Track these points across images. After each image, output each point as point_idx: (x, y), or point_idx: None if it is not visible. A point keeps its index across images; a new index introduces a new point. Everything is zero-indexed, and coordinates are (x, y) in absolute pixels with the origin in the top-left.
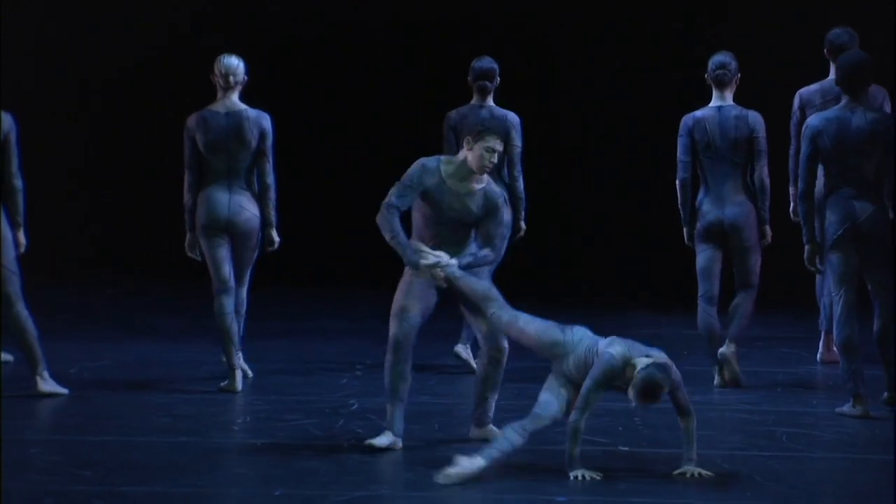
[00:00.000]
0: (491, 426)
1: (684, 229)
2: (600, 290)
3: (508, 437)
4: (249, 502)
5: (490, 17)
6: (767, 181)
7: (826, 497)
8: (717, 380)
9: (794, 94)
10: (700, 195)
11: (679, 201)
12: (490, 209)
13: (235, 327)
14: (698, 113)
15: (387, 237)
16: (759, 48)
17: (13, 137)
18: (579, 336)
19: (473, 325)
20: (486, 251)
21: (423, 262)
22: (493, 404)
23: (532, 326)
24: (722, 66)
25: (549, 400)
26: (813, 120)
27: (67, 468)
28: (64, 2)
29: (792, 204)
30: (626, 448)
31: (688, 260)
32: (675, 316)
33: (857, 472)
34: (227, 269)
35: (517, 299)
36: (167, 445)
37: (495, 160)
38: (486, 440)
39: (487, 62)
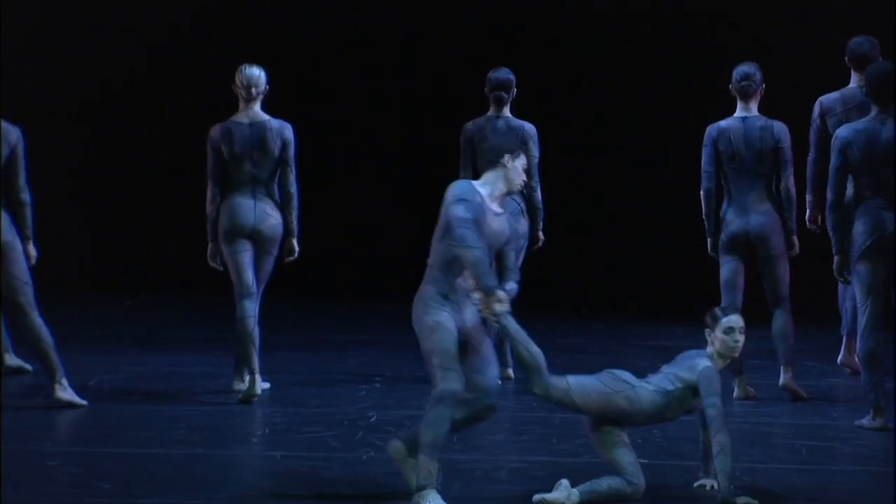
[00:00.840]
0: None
1: (708, 240)
2: (620, 301)
3: (612, 481)
4: None
5: (508, 29)
6: (793, 191)
7: None
8: (736, 392)
9: (815, 102)
10: (724, 206)
11: (703, 212)
12: (512, 231)
13: (258, 332)
14: (723, 123)
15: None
16: (779, 56)
17: (21, 151)
18: (634, 380)
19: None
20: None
21: (499, 293)
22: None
23: (590, 387)
24: (747, 76)
25: (632, 459)
26: (842, 131)
27: (86, 480)
28: (64, 5)
29: (809, 212)
30: (646, 460)
31: (708, 272)
32: (691, 327)
33: (877, 486)
34: (251, 275)
35: (537, 311)
36: (185, 458)
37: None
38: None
39: (504, 73)
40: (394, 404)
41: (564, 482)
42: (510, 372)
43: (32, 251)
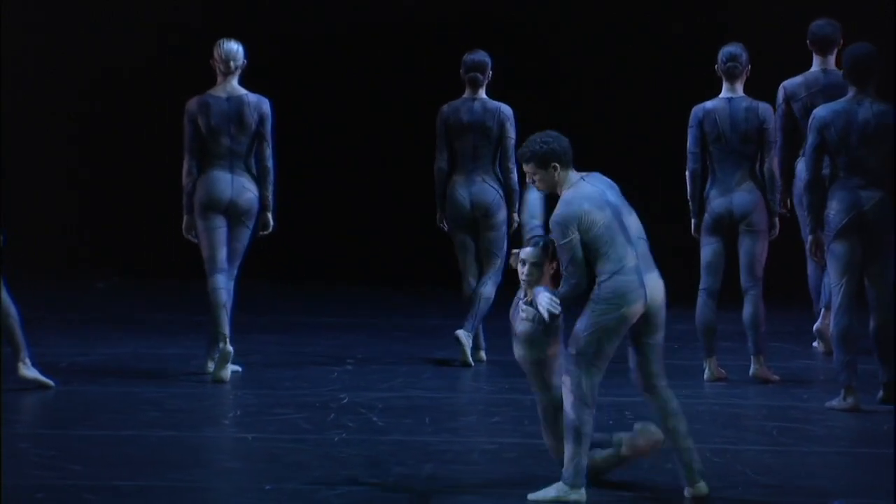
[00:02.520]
0: None
1: (692, 220)
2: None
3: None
4: (240, 496)
5: (488, 12)
6: (777, 172)
7: (816, 491)
8: (706, 373)
9: (779, 86)
10: (708, 186)
11: (689, 193)
12: None
13: (230, 303)
14: (708, 104)
15: None
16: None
17: None
18: None
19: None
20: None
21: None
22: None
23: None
24: (733, 57)
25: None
26: (820, 111)
27: (59, 462)
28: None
29: (778, 195)
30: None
31: (678, 254)
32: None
33: (848, 467)
34: (223, 253)
35: (510, 288)
36: (158, 440)
37: (536, 182)
38: None
39: (479, 55)
40: (365, 387)
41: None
42: (482, 354)
43: None
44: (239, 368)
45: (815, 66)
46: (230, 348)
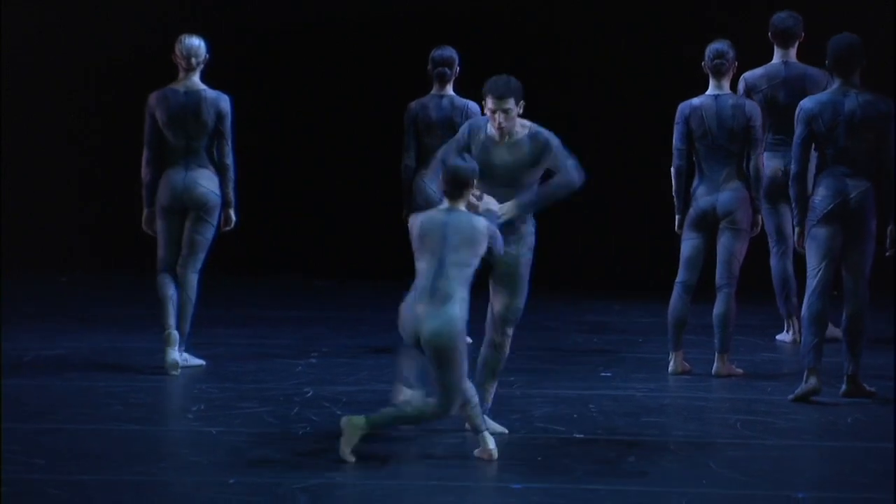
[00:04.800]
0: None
1: (676, 217)
2: (553, 276)
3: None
4: (204, 490)
5: (461, 8)
6: (763, 170)
7: (780, 484)
8: (671, 366)
9: (739, 78)
10: (695, 183)
11: (674, 189)
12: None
13: (176, 297)
14: (695, 101)
15: None
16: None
17: None
18: None
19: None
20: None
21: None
22: (492, 394)
23: None
24: (720, 54)
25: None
26: (807, 103)
27: (22, 457)
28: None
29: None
30: (581, 435)
31: (644, 248)
32: (628, 303)
33: (811, 460)
34: (174, 253)
35: (478, 287)
36: (122, 434)
37: (502, 119)
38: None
39: (447, 50)
40: (330, 380)
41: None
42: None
43: None
44: (203, 362)
45: (777, 59)
46: (175, 333)
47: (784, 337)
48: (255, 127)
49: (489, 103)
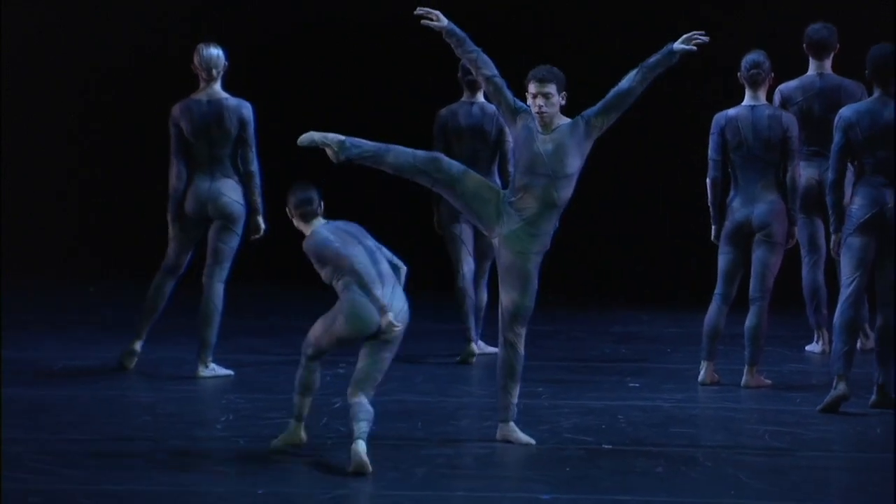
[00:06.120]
0: (511, 423)
1: (713, 227)
2: (582, 286)
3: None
4: (233, 500)
5: (494, 15)
6: (799, 182)
7: (809, 495)
8: (701, 375)
9: (775, 91)
10: (731, 194)
11: (709, 199)
12: None
13: (161, 308)
14: (731, 112)
15: None
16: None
17: None
18: None
19: None
20: None
21: None
22: (515, 399)
23: None
24: (756, 65)
25: None
26: (845, 111)
27: (53, 467)
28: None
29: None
30: (610, 446)
31: (673, 259)
32: (656, 313)
33: (839, 471)
34: (186, 257)
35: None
36: (151, 444)
37: (543, 102)
38: (506, 441)
39: None
40: None
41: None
42: (475, 348)
43: None
44: (231, 373)
45: (812, 70)
46: (137, 348)
47: (813, 348)
48: (284, 135)
49: (531, 87)
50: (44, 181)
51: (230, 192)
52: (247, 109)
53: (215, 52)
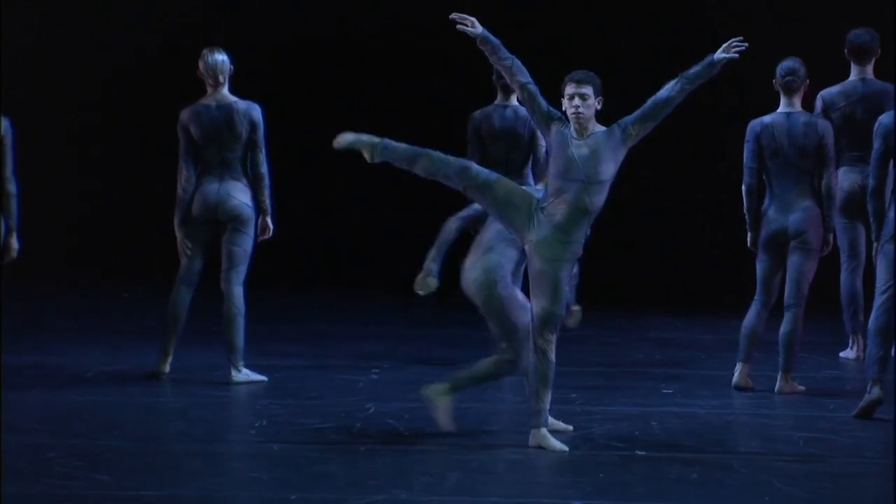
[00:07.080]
0: (544, 430)
1: (749, 234)
2: (617, 293)
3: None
4: None
5: (523, 17)
6: (835, 189)
7: (843, 502)
8: (735, 378)
9: (816, 96)
10: (766, 202)
11: (745, 207)
12: None
13: (184, 319)
14: (766, 119)
15: None
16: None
17: (9, 141)
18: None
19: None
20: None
21: None
22: (547, 405)
23: None
24: (791, 72)
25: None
26: (885, 118)
27: (85, 472)
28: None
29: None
30: (643, 452)
31: (708, 264)
32: (691, 319)
33: (874, 477)
34: (201, 264)
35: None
36: (183, 449)
37: (580, 103)
38: (539, 447)
39: None
40: (391, 396)
41: None
42: None
43: (15, 244)
44: (264, 378)
45: (854, 76)
46: (166, 368)
47: (848, 354)
48: (309, 139)
49: (568, 88)
50: (63, 185)
51: (239, 194)
52: (257, 112)
53: (220, 57)
